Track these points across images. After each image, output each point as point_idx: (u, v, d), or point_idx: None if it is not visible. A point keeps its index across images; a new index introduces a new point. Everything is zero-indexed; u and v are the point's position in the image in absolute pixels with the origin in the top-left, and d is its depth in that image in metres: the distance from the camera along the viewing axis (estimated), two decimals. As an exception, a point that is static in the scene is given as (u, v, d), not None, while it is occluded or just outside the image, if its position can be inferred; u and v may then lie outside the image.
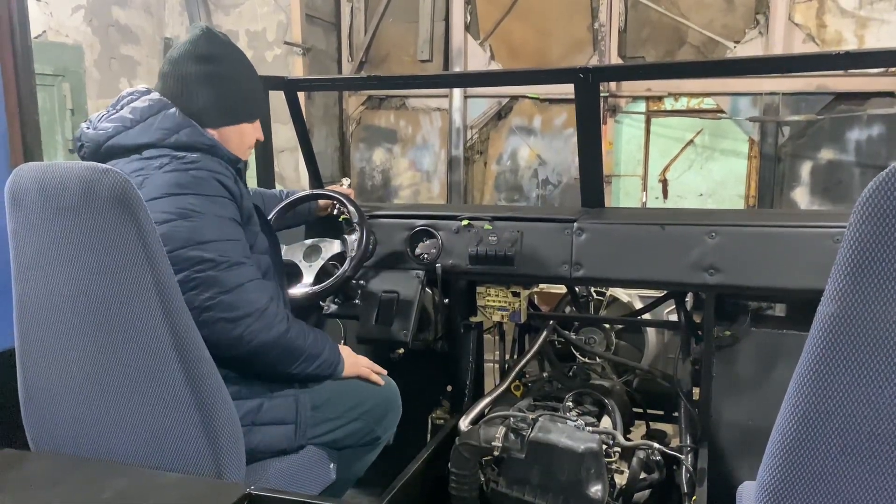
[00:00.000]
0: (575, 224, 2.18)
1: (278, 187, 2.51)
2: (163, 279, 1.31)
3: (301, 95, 2.79)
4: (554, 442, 1.89)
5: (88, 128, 1.67)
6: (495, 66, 5.36)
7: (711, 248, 2.03)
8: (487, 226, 2.28)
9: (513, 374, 2.47)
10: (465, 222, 2.31)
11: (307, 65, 5.39)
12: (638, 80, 4.91)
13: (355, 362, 1.86)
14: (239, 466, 1.43)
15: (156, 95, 1.69)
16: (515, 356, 2.71)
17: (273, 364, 1.63)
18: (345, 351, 1.85)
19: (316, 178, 2.86)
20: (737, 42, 4.87)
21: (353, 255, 2.11)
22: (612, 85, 5.06)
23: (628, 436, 2.33)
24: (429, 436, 2.51)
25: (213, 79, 1.70)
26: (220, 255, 1.53)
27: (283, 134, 4.92)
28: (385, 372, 1.94)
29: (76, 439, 1.44)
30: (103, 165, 1.29)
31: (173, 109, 1.66)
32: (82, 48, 4.69)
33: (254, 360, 1.60)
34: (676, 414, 2.60)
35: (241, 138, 1.79)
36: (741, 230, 2.02)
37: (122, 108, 1.67)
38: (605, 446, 1.95)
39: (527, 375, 2.67)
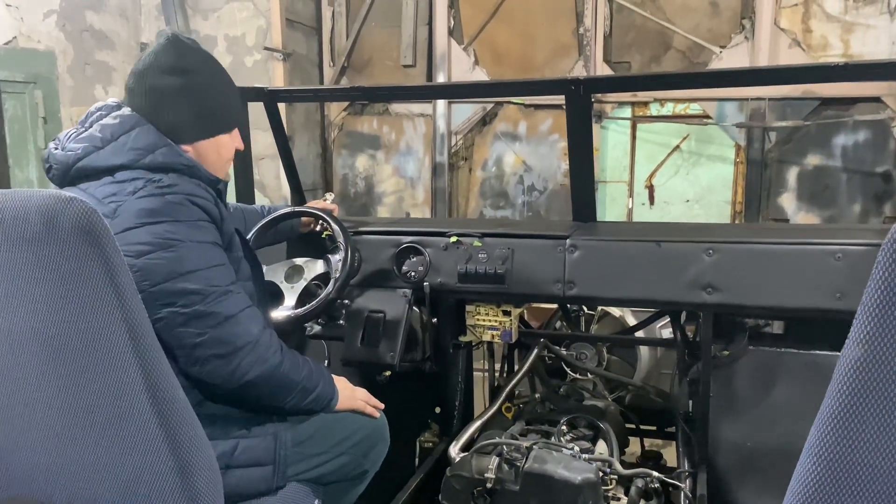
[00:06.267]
0: (567, 241, 2.11)
1: (258, 197, 2.41)
2: (133, 316, 1.21)
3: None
4: (550, 473, 1.81)
5: (56, 148, 1.55)
6: (479, 71, 5.28)
7: (709, 265, 1.96)
8: (477, 242, 2.20)
9: (503, 395, 2.39)
10: (453, 239, 2.23)
11: (288, 70, 5.27)
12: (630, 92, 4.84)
13: (352, 395, 1.76)
14: (217, 512, 1.34)
15: (127, 111, 1.58)
16: (505, 374, 2.64)
17: (264, 398, 1.55)
18: (341, 383, 1.75)
19: (297, 192, 2.76)
20: (722, 47, 4.84)
21: (338, 275, 2.02)
22: (598, 90, 5.00)
23: (623, 458, 2.27)
24: (417, 460, 2.42)
25: (182, 91, 1.59)
26: (206, 286, 1.44)
27: (263, 141, 4.79)
28: (382, 406, 1.84)
29: (40, 485, 1.33)
30: (67, 194, 1.18)
31: (146, 126, 1.55)
32: (55, 54, 4.55)
33: (245, 395, 1.51)
34: (670, 430, 2.53)
35: (218, 151, 1.69)
36: (740, 247, 1.95)
37: (91, 126, 1.56)
38: (601, 474, 1.88)
39: (517, 394, 2.59)
